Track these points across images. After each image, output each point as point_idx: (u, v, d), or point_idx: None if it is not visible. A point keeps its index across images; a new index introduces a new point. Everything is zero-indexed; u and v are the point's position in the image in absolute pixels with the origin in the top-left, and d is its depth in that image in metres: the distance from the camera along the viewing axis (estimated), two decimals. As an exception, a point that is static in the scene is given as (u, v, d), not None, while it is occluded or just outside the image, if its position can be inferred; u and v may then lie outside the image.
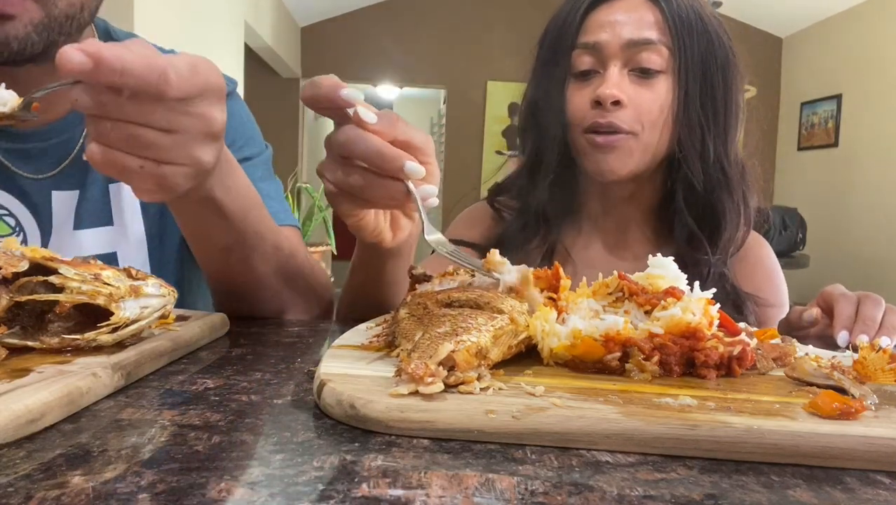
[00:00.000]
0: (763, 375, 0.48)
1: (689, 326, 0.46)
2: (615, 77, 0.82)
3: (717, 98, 0.85)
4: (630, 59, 0.83)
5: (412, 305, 0.50)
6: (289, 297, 0.77)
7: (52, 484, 0.29)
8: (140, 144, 0.47)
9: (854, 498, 0.31)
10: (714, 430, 0.35)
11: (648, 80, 0.83)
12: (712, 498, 0.30)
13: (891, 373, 0.44)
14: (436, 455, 0.34)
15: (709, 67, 0.84)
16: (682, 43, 0.82)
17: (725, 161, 0.86)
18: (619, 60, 0.83)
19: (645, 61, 0.82)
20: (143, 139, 0.47)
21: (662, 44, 0.82)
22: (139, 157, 0.48)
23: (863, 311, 0.69)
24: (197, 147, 0.50)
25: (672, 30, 0.82)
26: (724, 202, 0.86)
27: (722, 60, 0.85)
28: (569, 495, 0.30)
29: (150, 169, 0.49)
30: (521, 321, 0.47)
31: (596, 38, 0.84)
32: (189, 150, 0.50)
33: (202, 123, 0.49)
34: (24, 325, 0.48)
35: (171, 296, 0.53)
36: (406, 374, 0.39)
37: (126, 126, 0.46)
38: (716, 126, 0.85)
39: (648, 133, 0.83)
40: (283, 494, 0.29)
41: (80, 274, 0.47)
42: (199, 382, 0.46)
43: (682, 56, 0.83)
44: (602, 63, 0.84)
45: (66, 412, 0.37)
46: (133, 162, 0.48)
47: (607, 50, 0.83)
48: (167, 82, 0.45)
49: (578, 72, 0.86)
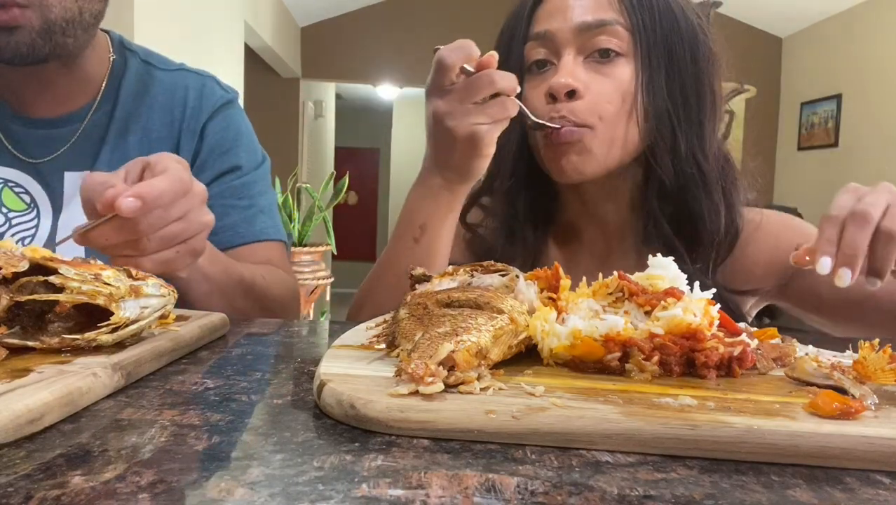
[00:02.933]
0: (763, 375, 0.48)
1: (690, 326, 0.46)
2: (569, 65, 0.74)
3: (686, 84, 0.76)
4: (585, 45, 0.75)
5: (412, 305, 0.50)
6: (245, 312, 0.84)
7: (52, 484, 0.29)
8: (172, 238, 0.59)
9: (854, 498, 0.31)
10: (714, 430, 0.35)
11: (607, 65, 0.75)
12: (712, 498, 0.30)
13: (891, 373, 0.44)
14: (436, 455, 0.34)
15: (674, 49, 0.76)
16: (641, 22, 0.75)
17: (700, 155, 0.76)
18: (572, 48, 0.75)
19: (601, 43, 0.75)
20: (171, 233, 0.59)
21: (619, 24, 0.74)
22: (174, 247, 0.60)
23: (845, 235, 0.55)
24: (202, 214, 0.63)
25: (629, 8, 0.75)
26: (700, 202, 0.77)
27: (690, 41, 0.77)
28: (569, 495, 0.30)
29: (184, 249, 0.61)
30: (521, 321, 0.47)
31: (547, 27, 0.77)
32: (200, 219, 0.62)
33: (198, 197, 0.62)
34: (24, 325, 0.48)
35: (171, 296, 0.53)
36: (406, 374, 0.39)
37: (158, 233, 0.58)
38: (686, 115, 0.76)
39: (609, 125, 0.75)
40: (283, 494, 0.29)
41: (80, 274, 0.47)
42: (199, 382, 0.46)
43: (643, 36, 0.75)
44: (556, 53, 0.77)
45: (66, 412, 0.37)
46: (171, 254, 0.60)
47: (559, 37, 0.76)
48: (186, 183, 0.59)
49: (532, 63, 0.79)
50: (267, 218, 0.96)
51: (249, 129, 1.00)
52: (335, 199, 4.09)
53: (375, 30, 5.45)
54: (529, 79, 0.79)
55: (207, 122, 0.93)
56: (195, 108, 0.93)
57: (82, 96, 0.90)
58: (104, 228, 0.56)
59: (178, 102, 0.93)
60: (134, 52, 0.95)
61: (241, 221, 0.92)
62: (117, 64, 0.93)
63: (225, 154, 0.93)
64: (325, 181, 4.20)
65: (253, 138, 1.00)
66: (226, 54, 3.52)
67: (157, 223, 0.57)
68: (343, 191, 4.06)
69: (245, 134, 0.98)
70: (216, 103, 0.95)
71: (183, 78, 0.96)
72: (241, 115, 0.99)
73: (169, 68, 0.96)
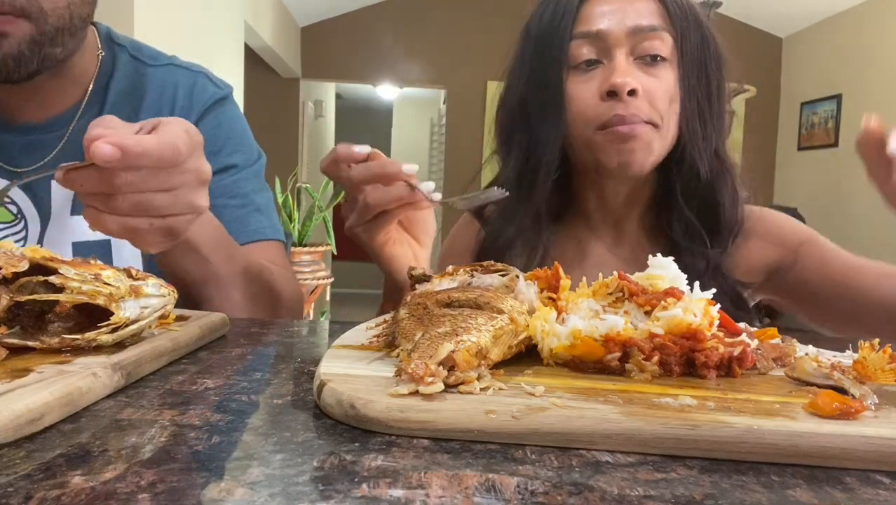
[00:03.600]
0: (763, 375, 0.48)
1: (690, 326, 0.46)
2: (624, 65, 0.78)
3: (712, 87, 0.83)
4: (636, 47, 0.79)
5: (412, 305, 0.50)
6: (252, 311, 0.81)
7: (52, 484, 0.29)
8: (150, 208, 0.53)
9: (854, 498, 0.31)
10: (714, 430, 0.35)
11: (655, 67, 0.79)
12: (712, 498, 0.30)
13: (891, 373, 0.44)
14: (436, 455, 0.34)
15: (704, 56, 0.82)
16: (683, 31, 0.80)
17: (723, 149, 0.85)
18: (624, 48, 0.79)
19: (651, 48, 0.79)
20: (151, 203, 0.53)
21: (666, 31, 0.80)
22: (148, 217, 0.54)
23: None
24: (194, 196, 0.56)
25: (673, 17, 0.80)
26: (721, 190, 0.83)
27: (714, 50, 0.84)
28: (569, 495, 0.30)
29: (159, 224, 0.55)
30: (521, 321, 0.47)
31: (598, 27, 0.79)
32: (189, 200, 0.56)
33: (195, 176, 0.56)
34: (24, 325, 0.48)
35: (171, 296, 0.53)
36: (406, 374, 0.39)
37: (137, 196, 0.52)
38: (712, 114, 0.83)
39: (666, 123, 0.80)
40: (283, 494, 0.29)
41: (81, 274, 0.47)
42: (199, 382, 0.46)
43: (684, 44, 0.81)
44: (606, 52, 0.79)
45: (66, 412, 0.37)
46: (143, 223, 0.54)
47: (612, 37, 0.78)
48: (179, 153, 0.52)
49: (579, 63, 0.80)
50: (263, 217, 0.92)
51: (243, 126, 0.96)
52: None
53: (375, 30, 5.45)
54: (576, 75, 0.81)
55: (198, 123, 0.89)
56: (184, 107, 0.90)
57: (69, 98, 0.86)
58: (84, 172, 0.51)
59: (167, 102, 0.89)
60: (123, 47, 0.90)
61: (233, 221, 0.86)
62: (105, 61, 0.88)
63: (216, 154, 0.88)
64: (325, 181, 4.20)
65: (247, 136, 0.96)
66: (226, 54, 3.52)
67: (137, 184, 0.51)
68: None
69: (238, 132, 0.94)
70: (207, 101, 0.91)
71: (172, 75, 0.91)
72: (233, 112, 0.95)
73: (159, 63, 0.92)
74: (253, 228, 0.90)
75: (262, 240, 0.91)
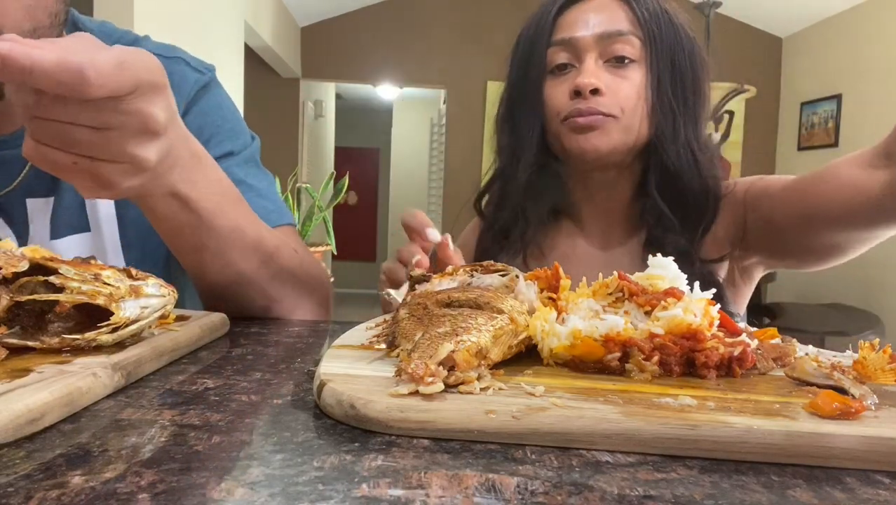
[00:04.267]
0: (763, 375, 0.48)
1: (691, 327, 0.46)
2: (591, 67, 0.86)
3: (686, 85, 0.89)
4: (604, 51, 0.87)
5: (412, 305, 0.50)
6: (276, 294, 0.75)
7: (52, 484, 0.29)
8: (70, 142, 0.46)
9: (854, 498, 0.31)
10: (714, 430, 0.35)
11: (623, 68, 0.87)
12: (712, 498, 0.30)
13: (891, 373, 0.44)
14: (436, 455, 0.34)
15: (677, 56, 0.88)
16: (651, 34, 0.87)
17: (696, 145, 0.89)
18: (593, 52, 0.87)
19: (619, 51, 0.87)
20: (72, 137, 0.46)
21: (634, 35, 0.87)
22: (72, 154, 0.47)
23: None
24: (133, 145, 0.49)
25: (641, 22, 0.87)
26: (692, 184, 0.88)
27: (689, 50, 0.89)
28: (569, 495, 0.30)
29: (85, 166, 0.48)
30: (521, 321, 0.47)
31: (570, 34, 0.88)
32: (125, 147, 0.48)
33: (136, 121, 0.48)
34: (24, 325, 0.48)
35: (171, 296, 0.53)
36: (406, 374, 0.39)
37: (54, 124, 0.46)
38: (685, 111, 0.89)
39: (628, 116, 0.87)
40: (283, 494, 0.29)
41: (81, 274, 0.47)
42: (199, 382, 0.46)
43: (653, 46, 0.87)
44: (577, 57, 0.88)
45: (66, 412, 0.37)
46: (65, 158, 0.47)
47: (582, 43, 0.87)
48: (85, 82, 0.43)
49: (554, 66, 0.90)
50: (267, 202, 0.83)
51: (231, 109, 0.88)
52: (335, 199, 4.10)
53: (375, 30, 5.45)
54: (551, 79, 0.91)
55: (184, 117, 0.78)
56: None
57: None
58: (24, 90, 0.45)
59: None
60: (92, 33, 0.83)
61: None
62: None
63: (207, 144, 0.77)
64: (325, 181, 4.20)
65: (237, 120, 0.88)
66: (226, 54, 3.52)
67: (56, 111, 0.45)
68: (343, 191, 4.07)
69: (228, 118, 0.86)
70: (189, 93, 0.83)
71: None
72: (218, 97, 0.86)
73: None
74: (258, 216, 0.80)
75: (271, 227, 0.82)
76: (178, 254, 0.70)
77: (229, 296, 0.72)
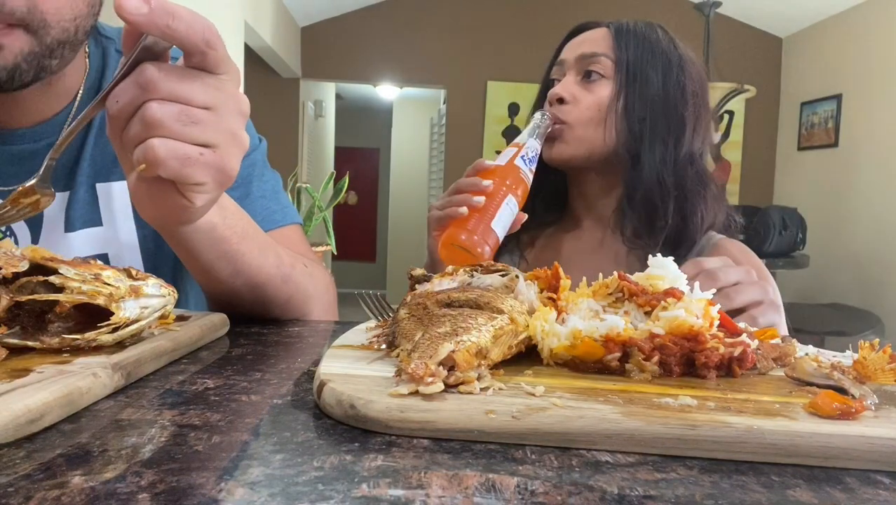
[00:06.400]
0: (763, 375, 0.48)
1: (692, 328, 0.46)
2: (566, 82, 1.01)
3: (656, 109, 0.98)
4: (581, 69, 1.01)
5: (412, 305, 0.50)
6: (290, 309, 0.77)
7: (52, 484, 0.29)
8: (190, 120, 0.47)
9: (854, 498, 0.31)
10: (714, 430, 0.35)
11: (591, 83, 1.00)
12: (712, 498, 0.30)
13: (891, 373, 0.44)
14: (436, 455, 0.34)
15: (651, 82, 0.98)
16: (626, 57, 0.99)
17: (665, 169, 0.97)
18: (573, 70, 1.02)
19: (589, 66, 1.00)
20: (193, 115, 0.47)
21: (607, 56, 0.99)
22: (195, 145, 0.48)
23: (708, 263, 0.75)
24: (235, 124, 0.50)
25: (617, 46, 0.99)
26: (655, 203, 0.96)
27: (664, 72, 0.99)
28: (569, 495, 0.30)
29: (209, 157, 0.49)
30: (521, 321, 0.47)
31: (563, 56, 1.04)
32: (230, 126, 0.50)
33: (234, 102, 0.50)
34: (24, 325, 0.48)
35: (171, 296, 0.53)
36: (406, 374, 0.39)
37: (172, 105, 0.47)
38: (653, 134, 0.97)
39: (583, 126, 0.98)
40: (283, 494, 0.29)
41: (81, 274, 0.47)
42: (199, 382, 0.46)
43: (624, 67, 0.98)
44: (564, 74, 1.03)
45: (66, 412, 0.37)
46: (193, 150, 0.48)
47: (567, 63, 1.03)
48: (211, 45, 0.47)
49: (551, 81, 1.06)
50: (273, 202, 0.85)
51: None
52: (335, 199, 4.10)
53: (375, 30, 5.45)
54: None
55: None
56: None
57: (57, 103, 0.79)
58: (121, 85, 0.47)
59: None
60: (111, 40, 0.84)
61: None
62: (94, 58, 0.82)
63: None
64: (325, 181, 4.20)
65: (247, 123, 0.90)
66: (226, 54, 3.51)
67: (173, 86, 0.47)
68: (343, 191, 4.07)
69: None
70: None
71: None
72: None
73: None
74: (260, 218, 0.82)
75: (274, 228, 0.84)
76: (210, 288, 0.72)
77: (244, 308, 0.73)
